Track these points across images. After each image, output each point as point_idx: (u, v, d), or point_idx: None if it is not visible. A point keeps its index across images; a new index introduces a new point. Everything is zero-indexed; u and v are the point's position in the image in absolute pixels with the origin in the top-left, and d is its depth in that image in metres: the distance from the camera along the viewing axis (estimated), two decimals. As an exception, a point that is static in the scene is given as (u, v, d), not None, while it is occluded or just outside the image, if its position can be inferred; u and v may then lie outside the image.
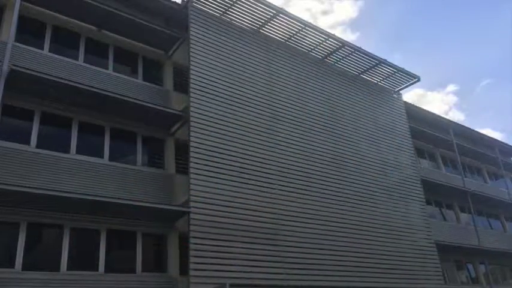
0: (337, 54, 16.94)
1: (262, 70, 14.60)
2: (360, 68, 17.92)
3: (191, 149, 11.61)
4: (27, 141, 10.25)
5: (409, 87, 23.48)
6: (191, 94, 12.29)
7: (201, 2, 13.77)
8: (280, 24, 15.29)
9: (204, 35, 13.46)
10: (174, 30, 13.58)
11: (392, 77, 18.80)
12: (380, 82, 19.00)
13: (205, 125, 12.17)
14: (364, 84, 18.28)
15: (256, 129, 13.34)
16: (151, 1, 13.65)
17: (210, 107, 12.52)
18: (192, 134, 11.80)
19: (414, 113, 21.15)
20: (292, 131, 14.34)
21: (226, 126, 12.64)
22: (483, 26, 65.70)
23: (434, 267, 16.25)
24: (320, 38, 16.15)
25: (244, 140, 12.86)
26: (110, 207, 10.12)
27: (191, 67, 12.65)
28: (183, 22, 13.56)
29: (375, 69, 18.13)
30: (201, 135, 11.95)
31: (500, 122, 74.82)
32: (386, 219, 15.49)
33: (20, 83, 10.08)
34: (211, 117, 12.40)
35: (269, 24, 15.15)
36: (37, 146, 10.31)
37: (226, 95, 13.10)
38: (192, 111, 12.06)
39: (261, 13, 14.71)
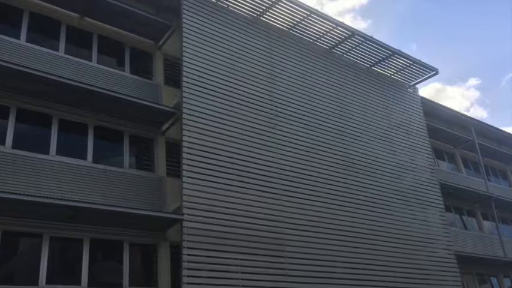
0: (346, 44, 16.93)
1: (263, 62, 14.59)
2: (371, 59, 17.91)
3: (184, 149, 11.61)
4: (2, 141, 10.24)
5: (426, 81, 23.43)
6: (184, 89, 12.29)
7: (195, -14, 13.79)
8: (282, 11, 15.27)
9: (198, 23, 13.44)
10: (164, 17, 13.57)
11: (408, 69, 18.79)
12: (394, 75, 18.99)
13: (199, 122, 12.16)
14: (376, 78, 18.27)
15: (256, 128, 13.32)
16: (139, -15, 13.67)
17: (205, 103, 12.51)
18: (184, 133, 11.79)
19: (432, 110, 21.17)
20: (296, 130, 14.33)
21: (223, 124, 12.63)
22: (508, 14, 65.73)
23: (454, 281, 16.23)
24: (327, 26, 16.14)
25: (243, 140, 12.85)
26: (94, 214, 10.10)
27: (184, 59, 12.65)
28: (175, 9, 13.55)
29: (388, 60, 18.12)
30: (194, 134, 11.93)
31: (527, 120, 74.87)
32: (401, 227, 15.49)
33: (-7, 76, 10.07)
34: (206, 114, 12.39)
35: (270, 11, 15.13)
36: (13, 147, 10.31)
37: (223, 89, 13.08)
38: (184, 107, 12.06)
39: (261, -1, 14.70)
